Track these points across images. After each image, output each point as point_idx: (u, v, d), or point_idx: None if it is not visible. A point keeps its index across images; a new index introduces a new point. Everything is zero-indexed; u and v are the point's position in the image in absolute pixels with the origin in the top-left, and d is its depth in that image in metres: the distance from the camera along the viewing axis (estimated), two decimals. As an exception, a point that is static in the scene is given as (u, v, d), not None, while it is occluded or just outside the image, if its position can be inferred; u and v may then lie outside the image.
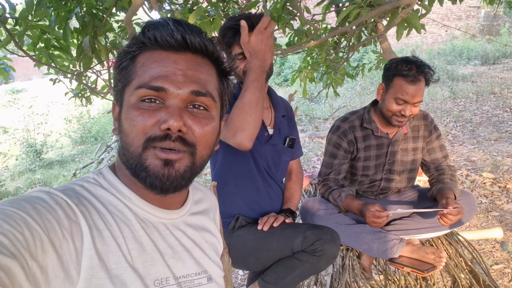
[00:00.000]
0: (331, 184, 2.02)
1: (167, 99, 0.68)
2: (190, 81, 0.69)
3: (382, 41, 2.71)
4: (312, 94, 9.92)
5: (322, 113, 8.66)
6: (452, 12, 14.75)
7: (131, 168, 0.69)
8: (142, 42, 0.71)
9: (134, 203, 0.72)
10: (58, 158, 7.86)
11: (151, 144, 0.66)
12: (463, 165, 4.61)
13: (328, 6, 2.97)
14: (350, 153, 2.03)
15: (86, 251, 0.60)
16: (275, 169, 1.77)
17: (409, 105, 1.78)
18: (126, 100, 0.70)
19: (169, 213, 0.77)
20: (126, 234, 0.67)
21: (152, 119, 0.66)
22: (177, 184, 0.68)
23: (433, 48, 13.83)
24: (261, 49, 1.38)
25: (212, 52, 0.74)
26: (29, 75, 21.65)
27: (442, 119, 6.84)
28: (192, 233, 0.81)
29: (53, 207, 0.59)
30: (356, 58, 11.68)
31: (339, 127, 2.02)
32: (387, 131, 1.99)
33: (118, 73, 0.73)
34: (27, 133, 7.76)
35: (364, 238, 1.89)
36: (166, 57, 0.70)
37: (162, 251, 0.72)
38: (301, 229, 1.55)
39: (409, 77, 1.76)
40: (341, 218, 1.96)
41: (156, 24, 0.71)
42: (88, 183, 0.70)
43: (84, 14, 2.32)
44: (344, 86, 11.21)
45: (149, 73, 0.68)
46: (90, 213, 0.65)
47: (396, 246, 1.86)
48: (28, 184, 6.27)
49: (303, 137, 6.96)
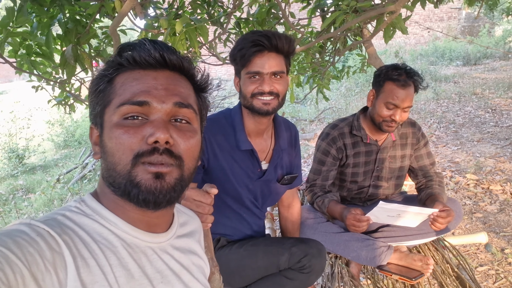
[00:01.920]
0: (316, 190, 2.03)
1: (151, 113, 0.69)
2: (172, 94, 0.71)
3: (367, 46, 2.74)
4: (298, 96, 9.96)
5: (308, 115, 8.70)
6: (434, 14, 14.97)
7: (119, 187, 0.68)
8: (119, 63, 0.71)
9: (120, 228, 0.71)
10: (41, 163, 7.71)
11: (140, 160, 0.66)
12: (447, 166, 4.67)
13: (313, 10, 2.98)
14: (338, 160, 2.04)
15: (70, 282, 0.59)
16: (262, 202, 1.66)
17: (399, 110, 1.80)
18: (107, 120, 0.70)
19: (156, 237, 0.76)
20: (113, 261, 0.66)
21: (138, 135, 0.67)
22: (170, 196, 0.69)
23: (416, 49, 14.02)
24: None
25: (188, 69, 0.77)
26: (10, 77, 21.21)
27: (425, 120, 6.94)
28: (180, 256, 0.80)
29: (35, 239, 0.58)
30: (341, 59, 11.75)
31: (329, 134, 2.03)
32: (376, 138, 2.01)
33: (96, 96, 0.73)
34: (9, 138, 7.60)
35: (353, 245, 1.90)
36: (145, 74, 0.71)
37: (150, 277, 0.71)
38: (286, 245, 1.49)
39: (399, 81, 1.79)
40: (330, 226, 1.97)
41: (132, 45, 0.72)
42: (70, 212, 0.69)
43: (67, 21, 2.27)
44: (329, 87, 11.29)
45: (130, 90, 0.69)
46: (74, 242, 0.63)
47: (384, 253, 1.87)
48: (10, 190, 6.14)
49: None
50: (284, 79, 1.41)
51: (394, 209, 1.69)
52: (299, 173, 1.74)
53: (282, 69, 1.39)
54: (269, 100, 1.38)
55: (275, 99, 1.39)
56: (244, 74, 1.41)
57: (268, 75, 1.37)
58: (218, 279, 0.99)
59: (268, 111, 1.39)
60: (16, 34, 2.08)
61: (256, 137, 1.54)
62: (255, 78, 1.38)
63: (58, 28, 2.31)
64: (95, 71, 0.70)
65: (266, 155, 1.60)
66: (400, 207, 1.68)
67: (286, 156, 1.66)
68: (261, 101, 1.38)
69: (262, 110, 1.39)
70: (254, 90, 1.38)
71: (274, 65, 1.37)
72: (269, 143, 1.60)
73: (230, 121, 1.50)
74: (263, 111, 1.39)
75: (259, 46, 1.34)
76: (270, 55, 1.36)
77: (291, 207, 1.82)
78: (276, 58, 1.37)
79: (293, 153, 1.71)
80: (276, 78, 1.39)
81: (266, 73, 1.36)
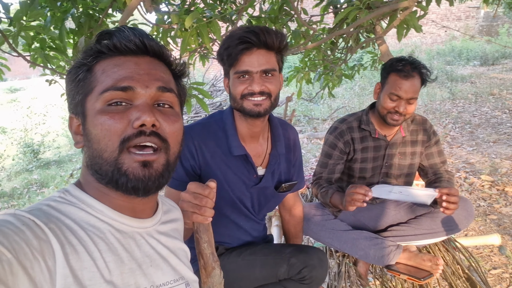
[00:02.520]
0: (322, 183, 2.01)
1: (135, 98, 0.69)
2: (155, 79, 0.72)
3: (380, 44, 2.69)
4: (311, 94, 9.91)
5: (320, 114, 8.64)
6: (452, 13, 14.73)
7: (106, 175, 0.68)
8: (99, 51, 0.71)
9: (106, 215, 0.71)
10: (55, 158, 7.81)
11: (126, 145, 0.66)
12: (462, 167, 4.59)
13: (326, 7, 2.95)
14: (345, 154, 2.02)
15: (59, 269, 0.59)
16: (259, 209, 1.56)
17: (403, 101, 1.77)
18: (90, 108, 0.69)
19: (142, 222, 0.77)
20: (102, 247, 0.67)
21: (123, 120, 0.67)
22: (159, 183, 0.70)
23: (432, 48, 13.81)
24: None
25: (167, 56, 0.78)
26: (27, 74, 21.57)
27: (441, 120, 6.83)
28: (166, 240, 0.82)
29: (20, 228, 0.57)
30: (354, 58, 11.66)
31: (337, 128, 2.02)
32: (384, 133, 1.98)
33: (75, 86, 0.72)
34: (24, 133, 7.73)
35: (361, 244, 1.87)
36: (126, 60, 0.71)
37: (139, 261, 0.72)
38: (285, 255, 1.42)
39: (402, 72, 1.77)
40: (337, 224, 1.94)
41: (111, 32, 0.72)
42: (55, 202, 0.69)
43: (80, 15, 2.30)
44: (342, 86, 11.21)
45: (113, 76, 0.69)
46: (62, 230, 0.63)
47: (392, 252, 1.84)
48: (25, 184, 6.24)
49: (301, 138, 6.94)
50: (275, 78, 1.31)
51: (395, 188, 1.70)
52: (299, 179, 1.64)
53: (273, 66, 1.29)
54: (260, 101, 1.27)
55: (267, 100, 1.29)
56: (233, 74, 1.31)
57: (258, 74, 1.27)
58: (219, 274, 0.98)
59: (260, 112, 1.29)
60: (29, 28, 2.11)
61: (251, 141, 1.44)
62: (244, 78, 1.28)
63: (71, 23, 2.33)
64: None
65: (263, 160, 1.49)
66: (400, 188, 1.67)
67: (284, 161, 1.55)
68: (252, 102, 1.27)
69: (253, 112, 1.28)
70: (244, 91, 1.28)
71: (264, 63, 1.26)
72: (265, 148, 1.50)
73: (221, 126, 1.41)
74: (255, 112, 1.28)
75: (246, 43, 1.24)
76: (259, 52, 1.26)
77: (293, 210, 1.75)
78: (266, 55, 1.27)
79: (293, 159, 1.60)
80: (267, 77, 1.28)
81: (255, 72, 1.26)
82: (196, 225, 0.96)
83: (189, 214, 0.95)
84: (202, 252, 0.95)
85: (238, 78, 1.29)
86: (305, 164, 5.64)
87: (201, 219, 0.93)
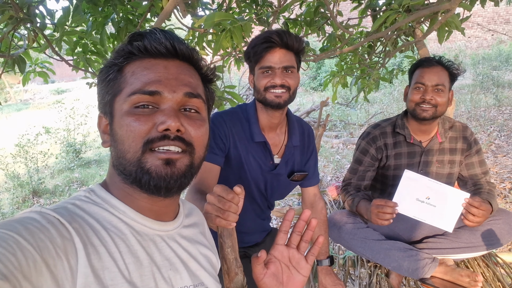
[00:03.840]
0: (349, 189, 1.98)
1: (162, 103, 0.70)
2: (183, 84, 0.72)
3: (419, 47, 2.61)
4: (348, 99, 9.74)
5: (357, 119, 8.48)
6: (499, 15, 14.07)
7: (130, 175, 0.69)
8: (130, 52, 0.72)
9: (129, 216, 0.72)
10: (95, 158, 8.10)
11: (150, 146, 0.67)
12: (507, 177, 4.35)
13: (364, 10, 2.89)
14: (377, 161, 1.98)
15: (81, 268, 0.59)
16: (271, 193, 1.69)
17: (429, 89, 1.78)
18: (117, 109, 0.70)
19: (164, 225, 0.77)
20: (122, 249, 0.67)
21: (149, 122, 0.68)
22: (181, 182, 0.70)
23: (478, 52, 13.26)
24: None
25: (196, 60, 0.78)
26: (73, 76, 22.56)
27: (485, 127, 6.52)
28: (187, 245, 0.81)
29: (45, 226, 0.58)
30: (394, 63, 11.37)
31: (369, 133, 1.99)
32: (420, 139, 1.92)
33: (106, 85, 0.73)
34: (67, 133, 8.06)
35: (394, 255, 1.80)
36: (156, 64, 0.71)
37: (158, 264, 0.72)
38: None
39: (425, 64, 1.84)
40: (370, 233, 1.88)
41: (143, 34, 0.72)
42: (80, 201, 0.70)
43: (120, 20, 2.36)
44: (381, 91, 10.96)
45: (141, 79, 0.69)
46: (84, 230, 0.64)
47: (428, 265, 1.76)
48: (66, 182, 6.50)
49: (337, 143, 6.83)
50: (294, 74, 1.49)
51: (422, 183, 1.59)
52: (312, 173, 1.76)
53: (293, 64, 1.48)
54: (280, 93, 1.46)
55: (287, 92, 1.47)
56: (258, 70, 1.49)
57: (279, 70, 1.45)
58: (242, 280, 0.97)
59: (280, 103, 1.46)
60: (72, 33, 2.19)
61: (269, 131, 1.61)
62: (268, 73, 1.47)
63: (112, 28, 2.40)
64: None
65: (279, 150, 1.65)
66: (428, 182, 1.58)
67: (298, 153, 1.70)
68: (274, 94, 1.46)
69: (274, 103, 1.46)
70: (267, 84, 1.46)
71: (284, 60, 1.45)
72: (282, 139, 1.66)
73: (245, 115, 1.59)
74: (275, 103, 1.46)
75: (270, 43, 1.43)
76: (281, 51, 1.46)
77: (314, 206, 1.80)
78: (287, 54, 1.46)
79: (307, 152, 1.74)
80: (287, 73, 1.47)
81: (277, 68, 1.45)
82: (220, 229, 0.96)
83: (213, 217, 0.94)
84: (226, 257, 0.94)
85: (262, 73, 1.48)
86: (340, 170, 5.54)
87: (224, 223, 0.93)
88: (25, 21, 1.68)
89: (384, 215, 1.60)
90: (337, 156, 6.11)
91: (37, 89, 20.41)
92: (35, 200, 5.74)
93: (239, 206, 0.96)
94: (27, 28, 1.84)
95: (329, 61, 12.18)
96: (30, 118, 12.33)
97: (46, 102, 16.20)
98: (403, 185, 1.61)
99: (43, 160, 6.94)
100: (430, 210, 1.60)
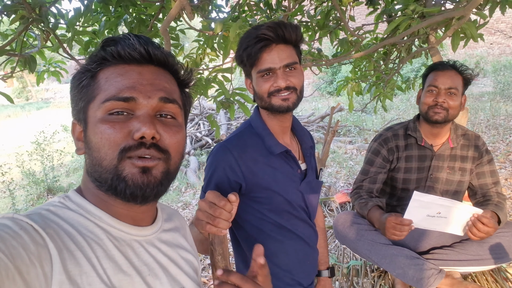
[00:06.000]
0: (362, 193, 1.96)
1: (137, 109, 0.69)
2: (158, 89, 0.71)
3: (433, 54, 2.56)
4: (363, 104, 9.63)
5: (372, 125, 8.37)
6: (523, 22, 13.74)
7: (105, 182, 0.68)
8: (103, 57, 0.70)
9: (105, 222, 0.71)
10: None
11: (126, 154, 0.66)
12: (524, 189, 4.23)
13: (379, 16, 2.86)
14: (389, 162, 1.98)
15: (56, 275, 0.58)
16: (311, 209, 1.45)
17: (442, 92, 1.79)
18: (91, 116, 0.69)
19: (141, 230, 0.76)
20: (99, 253, 0.66)
21: (124, 130, 0.67)
22: (157, 190, 0.69)
23: (500, 60, 12.95)
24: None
25: (172, 65, 0.77)
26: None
27: (504, 136, 6.36)
28: (167, 249, 0.80)
29: (18, 232, 0.57)
30: (413, 69, 11.21)
31: (381, 135, 2.02)
32: (431, 142, 1.92)
33: (79, 92, 0.71)
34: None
35: (400, 262, 1.77)
36: (130, 70, 0.70)
37: (138, 269, 0.71)
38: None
39: (439, 67, 1.85)
40: (378, 236, 1.85)
41: (116, 40, 0.71)
42: (54, 207, 0.69)
43: (133, 20, 2.39)
44: (398, 97, 10.82)
45: (115, 86, 0.68)
46: (59, 235, 0.62)
47: (434, 276, 1.72)
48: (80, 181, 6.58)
49: (351, 149, 6.75)
50: (298, 71, 1.29)
51: (432, 202, 1.55)
52: None
53: (294, 59, 1.27)
54: (287, 95, 1.26)
55: (293, 93, 1.27)
56: (255, 74, 1.28)
57: (281, 70, 1.24)
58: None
59: (289, 106, 1.27)
60: (83, 32, 2.22)
61: (284, 138, 1.41)
62: (268, 76, 1.26)
63: (125, 29, 2.43)
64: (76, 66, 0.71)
65: (299, 155, 1.45)
66: (438, 200, 1.55)
67: (312, 154, 1.54)
68: (280, 97, 1.26)
69: (282, 107, 1.26)
70: (270, 89, 1.26)
71: (285, 57, 1.24)
72: (296, 142, 1.48)
73: (253, 131, 1.37)
74: (284, 108, 1.26)
75: (265, 41, 1.22)
76: (278, 48, 1.24)
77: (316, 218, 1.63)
78: (286, 50, 1.25)
79: (314, 151, 1.57)
80: (290, 71, 1.26)
81: (278, 68, 1.24)
82: (211, 236, 0.94)
83: (204, 224, 0.93)
84: (216, 264, 0.92)
85: (262, 77, 1.27)
86: (352, 176, 5.48)
87: (215, 230, 0.91)
88: (37, 21, 1.71)
89: (401, 233, 1.60)
90: (350, 162, 6.04)
91: (58, 88, 20.88)
92: (49, 197, 5.83)
93: (232, 213, 0.94)
94: (39, 28, 1.87)
95: (346, 67, 12.08)
96: (50, 117, 12.57)
97: (67, 101, 16.50)
98: (412, 206, 1.57)
99: (59, 158, 7.03)
100: (442, 222, 1.61)
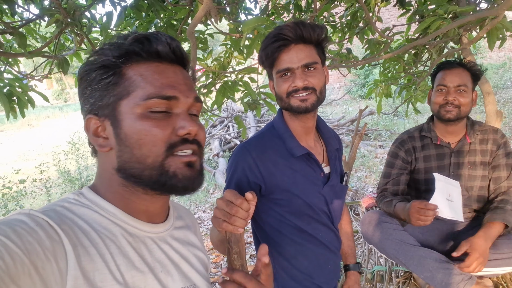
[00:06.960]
0: (387, 195, 1.98)
1: (176, 107, 0.72)
2: (191, 90, 0.76)
3: (465, 55, 2.49)
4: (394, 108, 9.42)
5: (404, 129, 8.15)
6: None
7: (149, 179, 0.69)
8: (135, 53, 0.70)
9: (119, 218, 0.72)
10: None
11: (172, 151, 0.70)
12: None
13: (411, 17, 2.81)
14: (408, 164, 2.01)
15: (70, 271, 0.59)
16: (334, 214, 1.43)
17: (451, 90, 1.82)
18: (126, 112, 0.69)
19: (155, 227, 0.78)
20: (113, 250, 0.67)
21: (168, 127, 0.70)
22: (200, 181, 0.75)
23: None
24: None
25: (189, 66, 0.81)
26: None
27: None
28: (179, 247, 0.82)
29: (34, 228, 0.58)
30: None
31: (398, 139, 2.08)
32: (448, 140, 1.93)
33: (104, 87, 0.70)
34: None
35: (428, 264, 1.73)
36: (165, 68, 0.73)
37: (151, 265, 0.72)
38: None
39: (447, 66, 1.88)
40: (405, 236, 1.84)
41: (149, 37, 0.71)
42: (69, 203, 0.70)
43: (163, 24, 2.46)
44: (431, 101, 10.47)
45: (155, 84, 0.70)
46: (74, 231, 0.64)
47: (463, 282, 1.66)
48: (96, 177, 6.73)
49: (382, 154, 6.62)
50: (318, 71, 1.26)
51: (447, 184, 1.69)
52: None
53: (314, 59, 1.24)
54: (305, 96, 1.23)
55: (312, 94, 1.24)
56: (275, 74, 1.28)
57: (299, 70, 1.23)
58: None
59: (308, 107, 1.24)
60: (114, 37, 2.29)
61: (307, 139, 1.38)
62: (287, 76, 1.25)
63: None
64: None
65: (323, 157, 1.42)
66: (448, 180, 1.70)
67: (338, 157, 1.50)
68: (298, 98, 1.24)
69: (301, 108, 1.24)
70: (289, 89, 1.24)
71: (303, 57, 1.22)
72: (321, 144, 1.44)
73: (275, 133, 1.36)
74: (302, 109, 1.24)
75: (282, 40, 1.21)
76: (297, 48, 1.23)
77: (341, 222, 1.62)
78: (305, 50, 1.23)
79: (340, 154, 1.55)
80: (309, 71, 1.24)
81: (296, 68, 1.22)
82: (228, 234, 0.94)
83: (220, 222, 0.94)
84: (232, 263, 0.92)
85: (281, 77, 1.27)
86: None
87: (231, 228, 0.91)
88: (71, 25, 1.78)
89: (426, 217, 1.60)
90: (380, 167, 5.93)
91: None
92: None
93: (249, 212, 0.95)
94: (74, 32, 1.95)
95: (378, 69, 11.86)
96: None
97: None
98: (438, 188, 1.64)
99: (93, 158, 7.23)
100: (452, 206, 1.66)
